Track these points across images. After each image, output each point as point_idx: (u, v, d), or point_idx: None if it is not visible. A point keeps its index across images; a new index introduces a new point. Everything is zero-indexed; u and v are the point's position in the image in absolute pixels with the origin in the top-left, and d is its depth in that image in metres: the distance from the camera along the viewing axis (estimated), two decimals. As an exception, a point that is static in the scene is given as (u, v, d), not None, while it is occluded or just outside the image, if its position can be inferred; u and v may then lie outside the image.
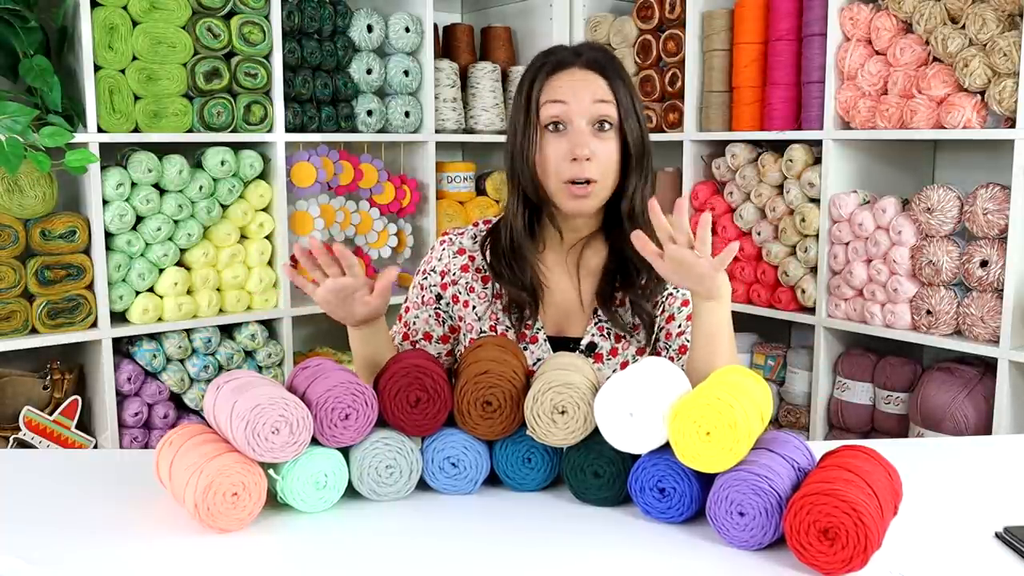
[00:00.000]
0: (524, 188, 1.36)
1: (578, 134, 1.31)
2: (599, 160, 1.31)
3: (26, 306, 2.35)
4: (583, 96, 1.31)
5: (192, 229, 2.55)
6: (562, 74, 1.33)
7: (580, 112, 1.31)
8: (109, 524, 1.06)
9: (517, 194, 1.38)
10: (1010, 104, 2.20)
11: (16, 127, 2.13)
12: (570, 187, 1.31)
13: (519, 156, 1.35)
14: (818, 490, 0.92)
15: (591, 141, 1.30)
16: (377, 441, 1.11)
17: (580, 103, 1.31)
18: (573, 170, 1.30)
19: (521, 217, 1.38)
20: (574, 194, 1.32)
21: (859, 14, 2.49)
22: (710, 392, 1.02)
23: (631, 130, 1.32)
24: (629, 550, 1.00)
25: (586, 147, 1.30)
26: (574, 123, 1.31)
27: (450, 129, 3.14)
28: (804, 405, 2.84)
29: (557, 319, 1.42)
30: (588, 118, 1.31)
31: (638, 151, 1.33)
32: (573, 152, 1.30)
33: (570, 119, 1.31)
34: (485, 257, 1.42)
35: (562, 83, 1.32)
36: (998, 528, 1.02)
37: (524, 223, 1.38)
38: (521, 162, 1.34)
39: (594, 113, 1.31)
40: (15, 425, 2.38)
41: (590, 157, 1.30)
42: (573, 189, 1.31)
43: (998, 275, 2.26)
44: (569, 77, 1.33)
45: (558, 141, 1.32)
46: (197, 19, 2.49)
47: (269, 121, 2.66)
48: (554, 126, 1.32)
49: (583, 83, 1.32)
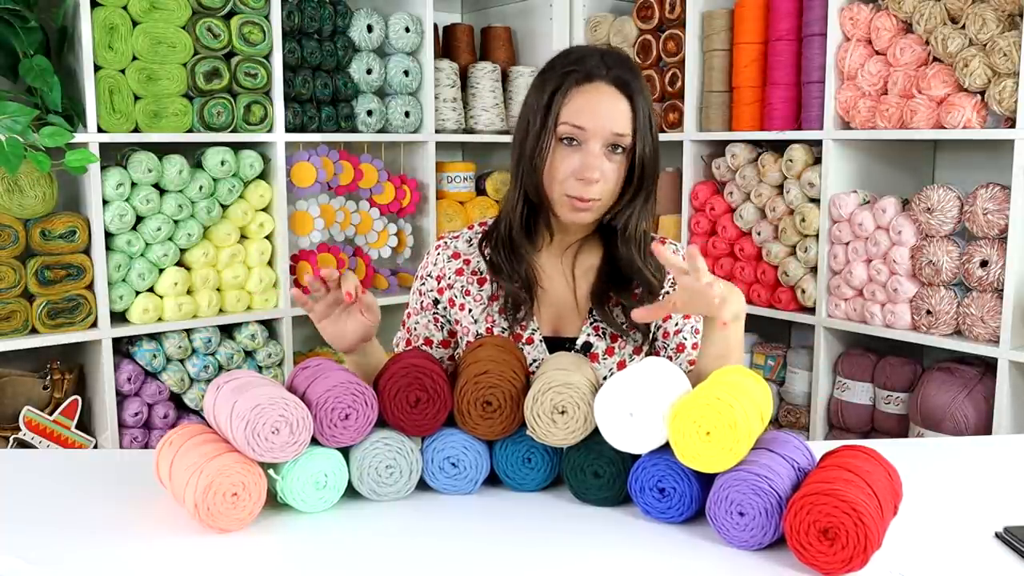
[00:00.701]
0: (526, 187, 1.36)
1: (590, 156, 1.30)
2: (606, 180, 1.31)
3: (26, 306, 2.35)
4: (604, 122, 1.30)
5: (192, 229, 2.55)
6: (588, 88, 1.32)
7: (597, 136, 1.31)
8: (109, 524, 1.06)
9: (518, 190, 1.37)
10: (1010, 104, 2.20)
11: (16, 127, 2.13)
12: (573, 201, 1.32)
13: (527, 157, 1.34)
14: (818, 490, 0.92)
15: (603, 163, 1.31)
16: (377, 441, 1.11)
17: (599, 128, 1.30)
18: (579, 189, 1.31)
19: (519, 212, 1.38)
20: (575, 208, 1.32)
21: (859, 14, 2.49)
22: (710, 392, 1.02)
23: (644, 154, 1.32)
24: (629, 550, 1.00)
25: (596, 171, 1.30)
26: (589, 144, 1.31)
27: (450, 129, 3.14)
28: (804, 405, 2.84)
29: (553, 319, 1.42)
30: (603, 141, 1.31)
31: (644, 171, 1.33)
32: (583, 173, 1.30)
33: (586, 140, 1.31)
34: (483, 252, 1.43)
35: (587, 101, 1.31)
36: (998, 528, 1.02)
37: (521, 219, 1.38)
38: (529, 164, 1.34)
39: (610, 140, 1.31)
40: (15, 425, 2.38)
41: (599, 179, 1.30)
42: (575, 203, 1.32)
43: (998, 275, 2.26)
44: (596, 93, 1.31)
45: (570, 156, 1.31)
46: (197, 19, 2.49)
47: (269, 121, 2.66)
48: (568, 140, 1.32)
49: (607, 106, 1.31)
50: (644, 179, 1.34)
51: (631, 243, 1.37)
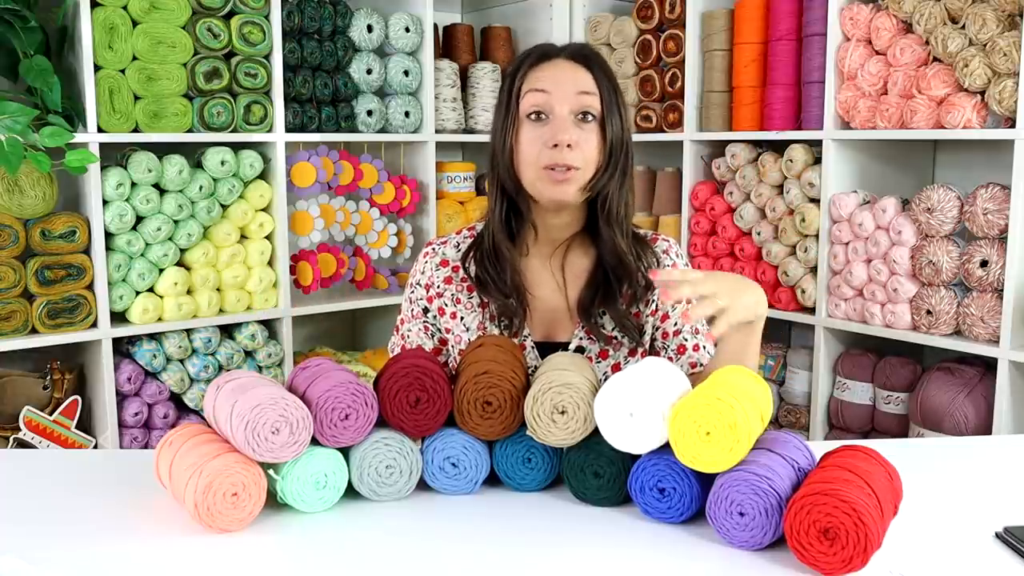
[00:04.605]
0: (503, 181, 1.34)
1: (558, 120, 1.28)
2: (581, 149, 1.28)
3: (26, 306, 2.35)
4: (567, 86, 1.29)
5: (192, 229, 2.55)
6: (545, 64, 1.32)
7: (563, 101, 1.28)
8: (109, 524, 1.06)
9: (496, 190, 1.36)
10: (1010, 104, 2.20)
11: (16, 127, 2.13)
12: (550, 172, 1.28)
13: (499, 148, 1.33)
14: (818, 490, 0.92)
15: (573, 129, 1.28)
16: (377, 441, 1.11)
17: (563, 92, 1.29)
18: (553, 156, 1.27)
19: (499, 212, 1.36)
20: (554, 179, 1.28)
21: (859, 14, 2.49)
22: (710, 392, 1.02)
23: (613, 126, 1.30)
24: (629, 550, 1.00)
25: (567, 132, 1.27)
26: (556, 112, 1.29)
27: (450, 129, 3.14)
28: (804, 405, 2.84)
29: (544, 325, 1.41)
30: (571, 107, 1.29)
31: (618, 149, 1.32)
32: (555, 138, 1.27)
33: (552, 108, 1.29)
34: (467, 270, 1.40)
35: (545, 73, 1.31)
36: (998, 528, 1.02)
37: (502, 219, 1.36)
38: (501, 154, 1.33)
39: (577, 104, 1.29)
40: (15, 425, 2.38)
41: (571, 144, 1.27)
42: (553, 174, 1.28)
43: (998, 275, 2.26)
44: (552, 68, 1.32)
45: (539, 129, 1.29)
46: (197, 19, 2.49)
47: (269, 121, 2.66)
48: (536, 115, 1.30)
49: (568, 73, 1.30)
50: (619, 155, 1.32)
51: (612, 224, 1.34)
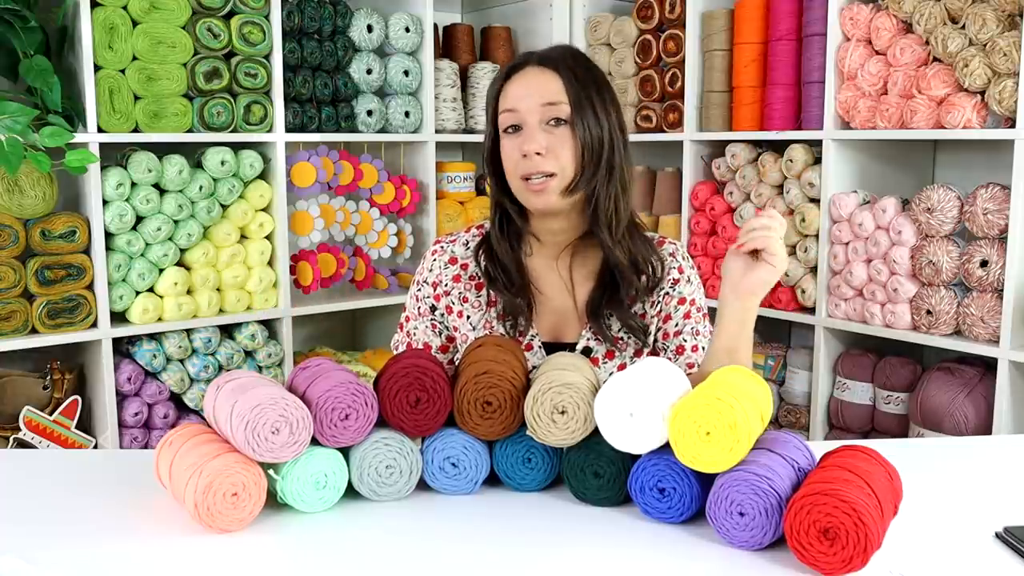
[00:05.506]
0: (495, 193, 1.41)
1: (530, 131, 1.32)
2: (555, 154, 1.31)
3: (26, 306, 2.35)
4: (532, 99, 1.32)
5: (192, 229, 2.55)
6: (516, 77, 1.36)
7: (531, 113, 1.32)
8: (109, 524, 1.06)
9: (492, 197, 1.43)
10: (1010, 104, 2.20)
11: (16, 127, 2.13)
12: (527, 184, 1.33)
13: (488, 163, 1.40)
14: (818, 490, 0.92)
15: (540, 136, 1.31)
16: (377, 441, 1.11)
17: (529, 105, 1.32)
18: (527, 166, 1.32)
19: (496, 220, 1.41)
20: (532, 190, 1.33)
21: (859, 14, 2.49)
22: (710, 392, 1.02)
23: (586, 126, 1.32)
24: (629, 550, 1.00)
25: (534, 141, 1.31)
26: (528, 123, 1.33)
27: (450, 129, 3.14)
28: (804, 405, 2.84)
29: (552, 325, 1.42)
30: (539, 117, 1.33)
31: (597, 147, 1.33)
32: (523, 148, 1.32)
33: (524, 120, 1.33)
34: (479, 263, 1.43)
35: (515, 88, 1.35)
36: (998, 528, 1.02)
37: (498, 227, 1.41)
38: (490, 168, 1.40)
39: (544, 115, 1.32)
40: (15, 425, 2.38)
41: (540, 151, 1.31)
42: (530, 184, 1.33)
43: (998, 275, 2.26)
44: (522, 79, 1.35)
45: (513, 142, 1.34)
46: (197, 19, 2.49)
47: (269, 121, 2.66)
48: (513, 128, 1.34)
49: (534, 84, 1.33)
50: (593, 150, 1.32)
51: (602, 224, 1.35)
